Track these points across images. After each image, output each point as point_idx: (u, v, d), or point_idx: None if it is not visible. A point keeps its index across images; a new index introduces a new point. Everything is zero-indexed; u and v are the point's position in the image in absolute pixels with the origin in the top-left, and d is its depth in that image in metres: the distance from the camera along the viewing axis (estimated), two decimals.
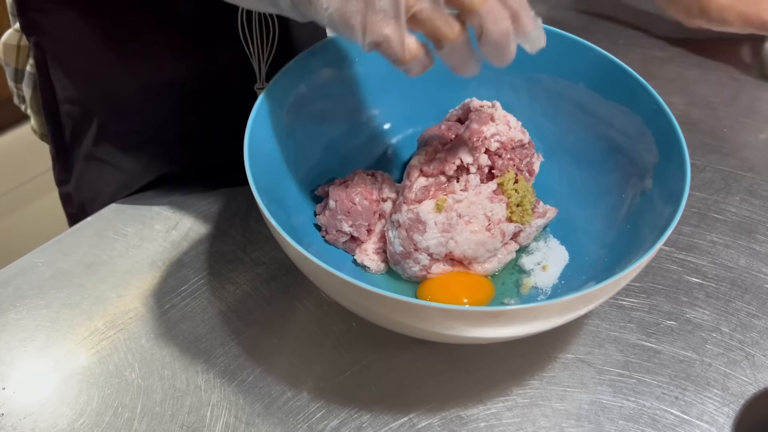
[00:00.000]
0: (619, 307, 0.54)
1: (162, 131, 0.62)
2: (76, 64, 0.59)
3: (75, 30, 0.56)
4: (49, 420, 0.48)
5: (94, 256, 0.58)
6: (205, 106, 0.61)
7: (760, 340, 0.52)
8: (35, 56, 0.60)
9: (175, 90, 0.59)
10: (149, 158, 0.62)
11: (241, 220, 0.61)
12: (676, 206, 0.45)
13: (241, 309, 0.54)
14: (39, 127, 0.69)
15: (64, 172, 0.66)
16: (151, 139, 0.62)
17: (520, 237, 0.54)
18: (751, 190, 0.64)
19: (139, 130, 0.61)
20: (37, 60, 0.60)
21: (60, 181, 0.67)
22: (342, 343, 0.52)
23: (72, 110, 0.61)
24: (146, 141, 0.62)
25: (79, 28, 0.55)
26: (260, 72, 0.59)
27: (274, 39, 0.57)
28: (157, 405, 0.49)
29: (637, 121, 0.53)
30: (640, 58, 0.78)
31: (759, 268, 0.57)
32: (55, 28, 0.57)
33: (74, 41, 0.57)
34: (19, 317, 0.54)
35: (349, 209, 0.53)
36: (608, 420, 0.48)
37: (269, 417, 0.48)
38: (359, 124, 0.60)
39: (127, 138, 0.62)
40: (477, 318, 0.41)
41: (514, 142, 0.54)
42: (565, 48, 0.56)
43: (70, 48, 0.57)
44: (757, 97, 0.73)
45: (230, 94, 0.60)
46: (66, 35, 0.57)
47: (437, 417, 0.48)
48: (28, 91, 0.66)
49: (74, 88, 0.60)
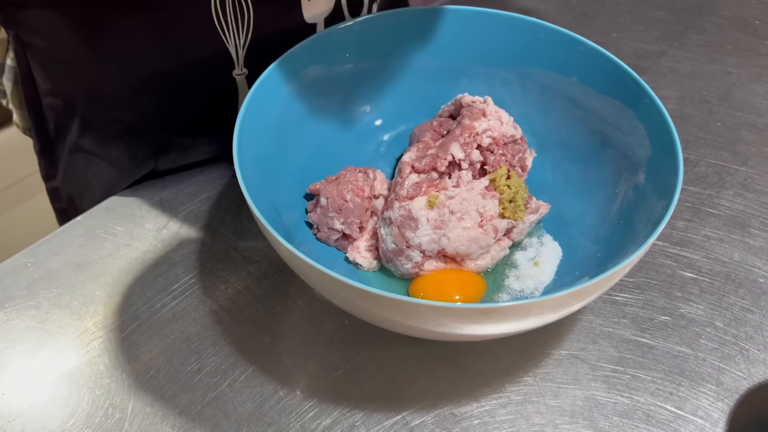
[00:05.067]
0: (612, 302, 0.54)
1: (146, 121, 0.61)
2: (55, 56, 0.58)
3: (52, 23, 0.55)
4: (39, 422, 0.48)
5: (83, 255, 0.58)
6: (187, 97, 0.60)
7: (754, 335, 0.52)
8: (15, 49, 0.59)
9: (156, 80, 0.58)
10: (135, 148, 0.62)
11: (232, 218, 0.60)
12: (669, 200, 0.45)
13: (232, 307, 0.54)
14: (22, 122, 0.68)
15: (50, 167, 0.65)
16: (135, 129, 0.61)
17: (513, 233, 0.53)
18: (745, 184, 0.63)
19: (122, 120, 0.61)
20: (17, 53, 0.59)
21: (47, 176, 0.67)
22: (335, 341, 0.52)
23: (54, 103, 0.61)
24: (130, 130, 0.61)
25: (56, 21, 0.54)
26: (238, 58, 0.58)
27: (249, 22, 0.57)
28: (148, 405, 0.48)
29: (630, 115, 0.53)
30: (633, 52, 0.78)
31: (753, 263, 0.57)
32: (32, 21, 0.56)
33: (52, 34, 0.56)
34: (8, 318, 0.53)
35: (341, 206, 0.53)
36: (602, 416, 0.48)
37: (261, 416, 0.48)
38: (351, 120, 0.60)
39: (111, 128, 0.61)
40: (469, 315, 0.40)
41: (506, 137, 0.54)
42: (557, 42, 0.56)
43: (48, 41, 0.57)
44: (751, 91, 0.73)
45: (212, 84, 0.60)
46: (43, 28, 0.56)
47: (431, 415, 0.48)
48: (8, 85, 0.65)
49: (55, 80, 0.59)
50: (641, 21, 0.83)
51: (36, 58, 0.59)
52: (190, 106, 0.61)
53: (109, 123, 0.61)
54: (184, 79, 0.59)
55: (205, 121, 0.62)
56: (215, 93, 0.60)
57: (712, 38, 0.80)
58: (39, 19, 0.55)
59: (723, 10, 0.85)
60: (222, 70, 0.59)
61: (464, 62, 0.60)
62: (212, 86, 0.60)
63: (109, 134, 0.61)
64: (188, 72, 0.58)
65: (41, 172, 0.67)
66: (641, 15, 0.84)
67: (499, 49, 0.58)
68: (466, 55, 0.59)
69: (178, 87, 0.59)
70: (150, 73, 0.57)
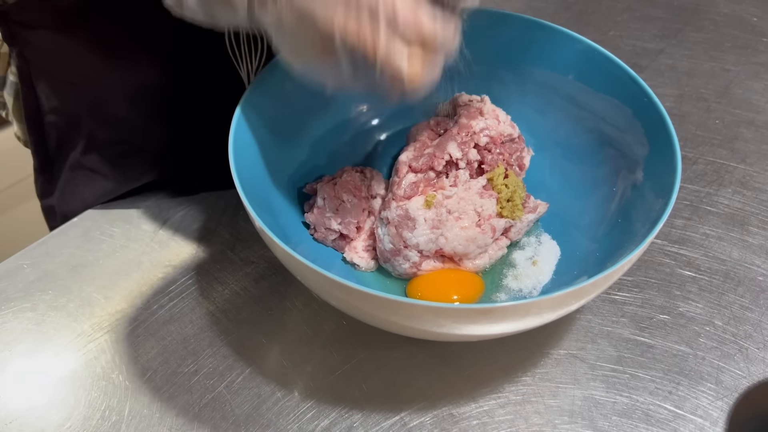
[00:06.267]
0: (611, 301, 0.54)
1: (149, 138, 0.61)
2: (60, 75, 0.57)
3: (57, 42, 0.54)
4: (35, 424, 0.47)
5: (80, 257, 0.57)
6: (191, 112, 0.60)
7: (753, 333, 0.52)
8: (18, 66, 0.58)
9: (161, 98, 0.58)
10: (137, 165, 0.62)
11: (229, 218, 0.60)
12: (668, 199, 0.45)
13: (229, 309, 0.54)
14: (23, 135, 0.68)
15: (48, 184, 0.65)
16: (139, 147, 0.61)
17: (511, 232, 0.53)
18: (744, 182, 0.63)
19: (126, 138, 0.60)
20: (20, 70, 0.58)
21: (43, 193, 0.66)
22: (332, 342, 0.51)
23: (57, 120, 0.60)
24: (134, 149, 0.61)
25: (61, 40, 0.54)
26: (249, 81, 0.58)
27: (263, 49, 0.56)
28: (145, 407, 0.48)
29: (628, 113, 0.53)
30: (631, 49, 0.78)
31: (752, 261, 0.57)
32: (37, 40, 0.55)
33: (57, 53, 0.55)
34: (5, 320, 0.53)
35: (338, 206, 0.52)
36: (601, 416, 0.47)
37: (259, 418, 0.47)
38: (347, 120, 0.59)
39: (115, 146, 0.61)
40: (467, 315, 0.40)
41: (503, 136, 0.53)
42: (554, 40, 0.56)
43: (53, 59, 0.56)
44: (749, 88, 0.73)
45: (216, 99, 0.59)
46: (48, 47, 0.55)
47: (429, 415, 0.48)
48: (9, 99, 0.64)
49: (59, 98, 0.59)
50: (639, 19, 0.83)
51: (40, 76, 0.58)
52: (199, 128, 0.61)
53: (115, 143, 0.61)
54: (194, 101, 0.58)
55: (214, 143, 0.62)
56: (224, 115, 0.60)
57: (710, 36, 0.80)
58: (47, 39, 0.55)
59: (721, 8, 0.84)
60: (232, 93, 0.59)
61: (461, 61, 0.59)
62: (221, 108, 0.59)
63: (113, 152, 0.61)
64: (198, 95, 0.58)
65: (37, 190, 0.66)
66: (639, 13, 0.84)
67: (496, 47, 0.58)
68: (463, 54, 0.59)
69: (187, 109, 0.59)
70: (159, 96, 0.57)
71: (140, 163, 0.62)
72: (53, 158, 0.63)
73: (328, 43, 0.37)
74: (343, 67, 0.38)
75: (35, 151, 0.63)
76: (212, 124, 0.60)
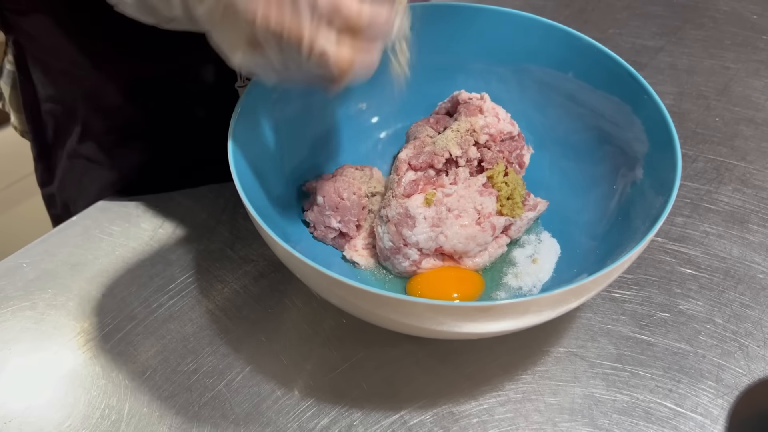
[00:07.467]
0: (611, 299, 0.54)
1: (146, 129, 0.61)
2: (56, 63, 0.57)
3: (52, 30, 0.54)
4: (35, 423, 0.47)
5: (79, 255, 0.57)
6: (186, 104, 0.60)
7: (753, 331, 0.52)
8: (15, 55, 0.58)
9: (156, 88, 0.58)
10: (133, 154, 0.62)
11: (228, 217, 0.60)
12: (668, 196, 0.45)
13: (229, 307, 0.54)
14: (20, 125, 0.68)
15: (47, 173, 0.65)
16: (134, 136, 0.61)
17: (511, 230, 0.53)
18: (744, 180, 0.63)
19: (122, 127, 0.60)
20: (16, 59, 0.58)
21: (43, 182, 0.66)
22: (332, 340, 0.51)
23: (54, 109, 0.60)
24: (130, 137, 0.61)
25: (56, 28, 0.54)
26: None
27: None
28: (145, 406, 0.48)
29: (628, 111, 0.52)
30: (631, 47, 0.78)
31: (752, 258, 0.57)
32: (32, 28, 0.55)
33: (52, 41, 0.55)
34: (4, 319, 0.53)
35: (338, 204, 0.52)
36: (602, 414, 0.47)
37: (259, 416, 0.47)
38: (347, 118, 0.59)
39: (112, 135, 0.61)
40: (467, 313, 0.40)
41: (503, 134, 0.53)
42: (554, 38, 0.56)
43: (49, 47, 0.56)
44: (749, 86, 0.73)
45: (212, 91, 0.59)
46: (44, 35, 0.55)
47: (429, 413, 0.48)
48: (6, 89, 0.64)
49: (55, 86, 0.59)
50: (639, 16, 0.82)
51: (36, 64, 0.58)
52: (192, 116, 0.61)
53: (110, 131, 0.61)
54: (186, 89, 0.58)
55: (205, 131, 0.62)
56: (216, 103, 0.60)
57: (710, 33, 0.80)
58: (41, 26, 0.55)
59: (720, 5, 0.84)
60: (223, 82, 0.59)
61: (461, 59, 0.59)
62: (214, 97, 0.59)
63: (109, 141, 0.61)
64: (190, 83, 0.58)
65: (37, 179, 0.66)
66: (639, 10, 0.83)
67: (496, 45, 0.58)
68: (463, 52, 0.59)
69: (179, 97, 0.59)
70: (152, 83, 0.57)
71: (136, 153, 0.62)
72: (51, 147, 0.63)
73: (254, 35, 0.36)
74: (272, 58, 0.37)
75: (34, 140, 0.63)
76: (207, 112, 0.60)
